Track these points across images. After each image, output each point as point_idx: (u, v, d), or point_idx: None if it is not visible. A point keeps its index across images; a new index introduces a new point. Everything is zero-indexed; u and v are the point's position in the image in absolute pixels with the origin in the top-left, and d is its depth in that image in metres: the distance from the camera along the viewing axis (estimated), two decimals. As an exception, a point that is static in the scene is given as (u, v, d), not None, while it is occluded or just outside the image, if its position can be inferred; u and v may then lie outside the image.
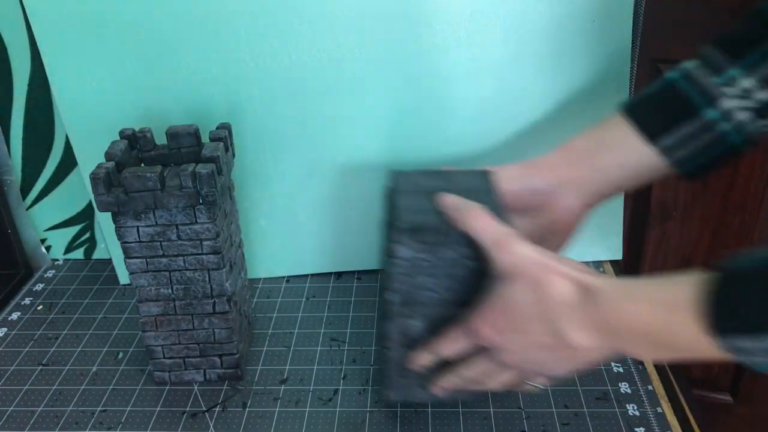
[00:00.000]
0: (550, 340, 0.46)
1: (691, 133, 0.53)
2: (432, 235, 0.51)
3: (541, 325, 0.46)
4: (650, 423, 0.58)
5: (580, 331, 0.45)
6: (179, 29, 0.66)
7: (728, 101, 0.51)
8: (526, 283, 0.46)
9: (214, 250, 0.59)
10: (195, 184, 0.55)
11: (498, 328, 0.48)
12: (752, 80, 0.50)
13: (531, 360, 0.49)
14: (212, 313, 0.62)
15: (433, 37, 0.66)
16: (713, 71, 0.52)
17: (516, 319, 0.47)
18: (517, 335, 0.48)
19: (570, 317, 0.45)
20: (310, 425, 0.60)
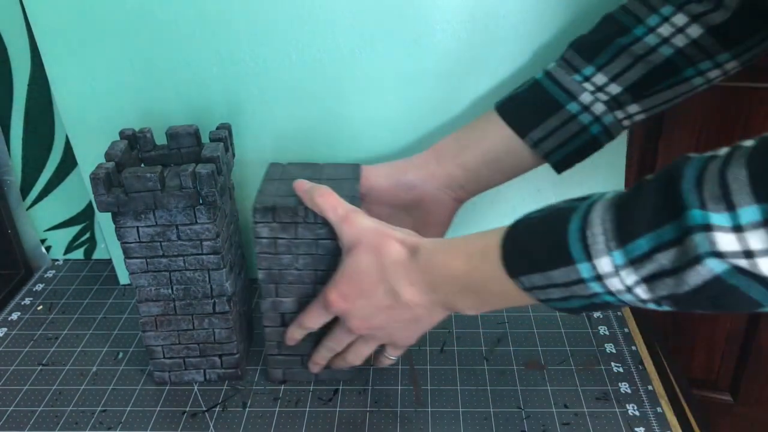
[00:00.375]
0: (389, 300, 0.52)
1: (557, 125, 0.59)
2: (287, 215, 0.56)
3: (381, 286, 0.51)
4: (650, 423, 0.58)
5: (410, 287, 0.51)
6: (179, 29, 0.66)
7: (586, 96, 0.58)
8: (367, 249, 0.52)
9: (214, 250, 0.59)
10: (195, 184, 0.55)
11: (346, 296, 0.53)
12: (603, 76, 0.57)
13: (377, 325, 0.54)
14: (212, 313, 0.62)
15: (433, 37, 0.66)
16: (572, 70, 0.59)
17: (361, 285, 0.52)
18: (362, 300, 0.53)
19: (401, 275, 0.51)
20: (310, 425, 0.60)
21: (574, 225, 0.41)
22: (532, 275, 0.43)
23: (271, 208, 0.56)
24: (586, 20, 0.66)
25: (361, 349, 0.58)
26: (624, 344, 0.68)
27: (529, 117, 0.60)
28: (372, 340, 0.57)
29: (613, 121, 0.59)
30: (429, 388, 0.63)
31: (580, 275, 0.41)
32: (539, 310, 0.73)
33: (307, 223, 0.57)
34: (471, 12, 0.65)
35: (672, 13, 0.56)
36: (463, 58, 0.67)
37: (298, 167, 0.63)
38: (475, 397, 0.62)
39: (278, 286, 0.60)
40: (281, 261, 0.59)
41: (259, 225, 0.57)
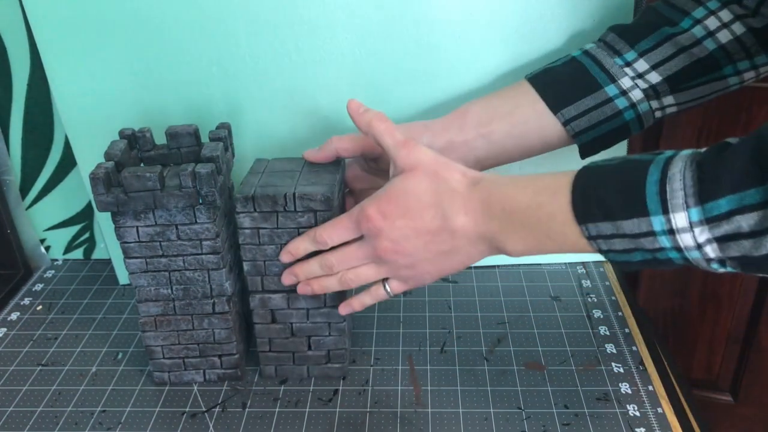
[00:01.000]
0: (435, 224, 0.50)
1: (592, 106, 0.58)
2: (267, 204, 0.56)
3: (431, 210, 0.50)
4: (651, 423, 0.58)
5: (464, 215, 0.49)
6: (179, 29, 0.66)
7: (626, 80, 0.58)
8: (425, 174, 0.51)
9: (213, 250, 0.58)
10: (194, 184, 0.55)
11: (386, 214, 0.51)
12: (645, 63, 0.57)
13: (407, 250, 0.52)
14: (212, 313, 0.61)
15: (434, 36, 0.66)
16: (613, 53, 0.58)
17: (408, 205, 0.51)
18: (405, 220, 0.51)
19: (457, 202, 0.49)
20: (310, 425, 0.60)
21: (652, 177, 0.41)
22: (601, 223, 0.43)
23: (251, 197, 0.56)
24: (586, 20, 0.66)
25: (366, 273, 0.55)
26: (624, 344, 0.68)
27: (565, 93, 0.58)
28: (386, 267, 0.54)
29: (647, 110, 0.58)
30: (429, 388, 0.63)
31: (652, 227, 0.41)
32: (539, 310, 0.73)
33: (288, 212, 0.56)
34: (471, 12, 0.65)
35: (718, 8, 0.56)
36: (463, 58, 0.67)
37: (282, 161, 0.62)
38: (475, 397, 0.62)
39: (264, 277, 0.60)
40: (265, 252, 0.58)
41: (241, 215, 0.57)
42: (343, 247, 0.55)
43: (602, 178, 0.44)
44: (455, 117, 0.60)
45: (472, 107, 0.60)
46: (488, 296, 0.76)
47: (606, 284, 0.77)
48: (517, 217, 0.47)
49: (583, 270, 0.80)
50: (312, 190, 0.56)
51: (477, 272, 0.80)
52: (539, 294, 0.76)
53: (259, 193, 0.56)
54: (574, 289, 0.76)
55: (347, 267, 0.55)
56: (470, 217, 0.49)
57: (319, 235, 0.55)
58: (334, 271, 0.56)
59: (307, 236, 0.56)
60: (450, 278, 0.79)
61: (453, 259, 0.52)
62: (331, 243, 0.55)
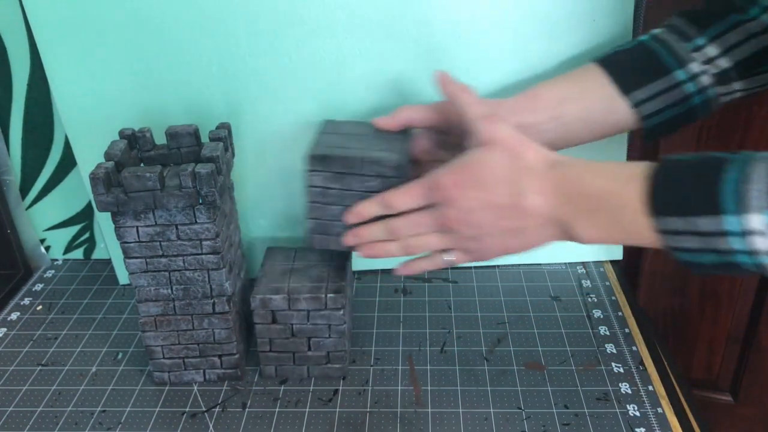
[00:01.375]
0: (508, 200, 0.50)
1: (662, 89, 0.57)
2: (339, 165, 0.56)
3: (506, 185, 0.50)
4: (651, 423, 0.58)
5: (538, 195, 0.49)
6: (179, 29, 0.66)
7: (695, 65, 0.57)
8: (504, 149, 0.50)
9: (213, 250, 0.58)
10: (195, 184, 0.55)
11: (459, 183, 0.51)
12: (715, 49, 0.57)
13: (476, 222, 0.51)
14: (212, 313, 0.61)
15: (433, 37, 0.66)
16: (682, 38, 0.58)
17: (483, 176, 0.50)
18: (477, 192, 0.50)
19: (533, 181, 0.49)
20: (310, 425, 0.60)
21: (730, 175, 0.40)
22: (674, 218, 0.42)
23: (326, 157, 0.56)
24: (586, 20, 0.66)
25: (431, 241, 0.54)
26: (624, 344, 0.68)
27: (635, 76, 0.58)
28: (451, 237, 0.53)
29: (714, 96, 0.58)
30: (429, 388, 0.63)
31: (725, 227, 0.40)
32: (539, 310, 0.73)
33: (358, 175, 0.56)
34: (471, 12, 0.65)
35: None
36: (463, 58, 0.67)
37: (351, 124, 0.63)
38: (475, 397, 0.62)
39: (327, 237, 0.59)
40: (330, 211, 0.58)
41: (312, 173, 0.57)
42: (410, 214, 0.54)
43: (678, 172, 0.43)
44: (526, 99, 0.60)
45: (543, 89, 0.60)
46: (488, 296, 0.76)
47: (606, 284, 0.77)
48: (591, 203, 0.47)
49: (583, 270, 0.80)
50: (384, 156, 0.56)
51: (477, 272, 0.80)
52: (539, 294, 0.76)
53: (333, 153, 0.56)
54: (574, 289, 0.77)
55: (412, 234, 0.55)
56: (544, 197, 0.49)
57: (389, 199, 0.55)
58: (399, 236, 0.55)
59: (376, 200, 0.56)
60: (450, 278, 0.79)
61: (519, 238, 0.51)
62: (399, 209, 0.55)
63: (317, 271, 0.63)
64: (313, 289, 0.61)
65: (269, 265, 0.65)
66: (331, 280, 0.62)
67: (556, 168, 0.49)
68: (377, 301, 0.76)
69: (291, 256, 0.66)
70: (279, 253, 0.67)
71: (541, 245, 0.52)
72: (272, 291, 0.61)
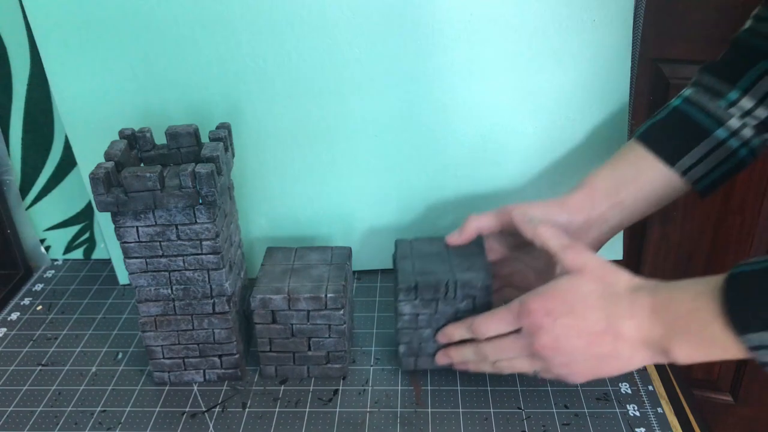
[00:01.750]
0: (600, 326, 0.50)
1: (706, 152, 0.59)
2: (429, 293, 0.58)
3: (597, 311, 0.50)
4: (651, 423, 0.58)
5: (630, 320, 0.49)
6: (179, 29, 0.66)
7: (735, 121, 0.58)
8: (591, 276, 0.52)
9: (213, 250, 0.58)
10: (195, 184, 0.55)
11: (550, 310, 0.51)
12: (750, 100, 0.57)
13: (566, 349, 0.52)
14: (212, 313, 0.61)
15: (434, 36, 0.66)
16: (715, 95, 0.59)
17: (574, 304, 0.51)
18: (568, 319, 0.51)
19: (624, 307, 0.50)
20: (310, 425, 0.60)
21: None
22: (762, 333, 0.42)
23: (414, 287, 0.58)
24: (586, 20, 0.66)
25: (521, 365, 0.56)
26: (624, 344, 0.68)
27: (677, 145, 0.59)
28: (541, 362, 0.54)
29: (759, 144, 0.59)
30: (429, 388, 0.63)
31: None
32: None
33: (448, 299, 0.59)
34: (471, 12, 0.65)
35: None
36: (463, 58, 0.67)
37: (424, 242, 0.64)
38: (475, 397, 0.62)
39: (418, 358, 0.62)
40: (421, 335, 0.61)
41: (402, 303, 0.59)
42: (499, 339, 0.56)
43: (752, 286, 0.43)
44: (585, 194, 0.61)
45: (598, 181, 0.61)
46: (488, 296, 0.76)
47: (606, 284, 0.77)
48: (681, 324, 0.47)
49: (583, 270, 0.79)
50: (471, 278, 0.58)
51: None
52: (539, 294, 0.76)
53: (422, 282, 0.58)
54: (574, 289, 0.76)
55: (502, 358, 0.56)
56: (636, 321, 0.49)
57: (477, 326, 0.56)
58: (489, 360, 0.57)
59: (464, 324, 0.58)
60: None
61: (611, 363, 0.52)
62: (487, 335, 0.56)
63: (317, 271, 0.63)
64: (314, 289, 0.61)
65: (269, 265, 0.65)
66: (331, 280, 0.62)
67: (644, 291, 0.50)
68: (377, 301, 0.76)
69: (291, 256, 0.66)
70: (279, 252, 0.67)
71: (634, 368, 0.52)
72: (272, 291, 0.61)
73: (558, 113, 0.71)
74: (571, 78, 0.69)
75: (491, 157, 0.73)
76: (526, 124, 0.71)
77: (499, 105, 0.70)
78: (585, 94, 0.70)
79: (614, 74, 0.69)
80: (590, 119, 0.68)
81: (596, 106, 0.70)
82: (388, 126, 0.71)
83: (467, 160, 0.73)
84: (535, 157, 0.72)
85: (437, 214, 0.76)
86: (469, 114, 0.70)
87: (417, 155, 0.72)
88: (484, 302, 0.59)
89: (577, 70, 0.69)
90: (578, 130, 0.66)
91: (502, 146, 0.72)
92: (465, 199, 0.75)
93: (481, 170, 0.73)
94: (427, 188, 0.75)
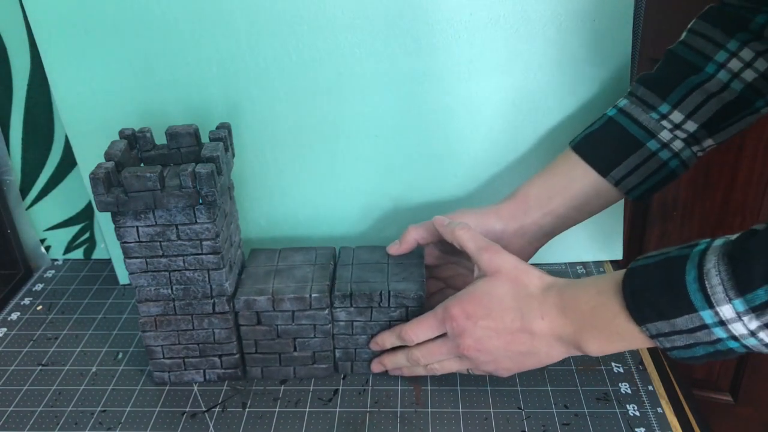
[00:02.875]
0: (516, 325, 0.53)
1: (638, 163, 0.61)
2: (363, 301, 0.60)
3: (512, 312, 0.53)
4: (650, 423, 0.58)
5: (541, 318, 0.52)
6: (179, 29, 0.66)
7: (665, 133, 0.60)
8: (506, 278, 0.55)
9: (213, 250, 0.58)
10: (195, 184, 0.55)
11: (470, 314, 0.55)
12: (680, 114, 0.59)
13: (489, 348, 0.55)
14: (212, 313, 0.61)
15: (433, 37, 0.66)
16: (648, 107, 0.60)
17: (491, 306, 0.54)
18: (487, 321, 0.54)
19: (535, 307, 0.53)
20: (310, 425, 0.60)
21: (690, 276, 0.43)
22: (658, 323, 0.45)
23: (349, 294, 0.60)
24: (585, 20, 0.66)
25: (451, 365, 0.59)
26: (624, 344, 0.68)
27: (610, 155, 0.61)
28: (468, 362, 0.57)
29: (690, 155, 0.61)
30: (429, 388, 0.63)
31: (704, 321, 0.43)
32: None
33: (382, 308, 0.61)
34: (471, 12, 0.65)
35: (738, 48, 0.57)
36: (463, 58, 0.67)
37: (365, 250, 0.67)
38: (475, 397, 0.62)
39: (353, 362, 0.64)
40: (356, 341, 0.63)
41: (338, 309, 0.61)
42: (428, 343, 0.59)
43: (646, 280, 0.46)
44: (518, 203, 0.64)
45: (531, 190, 0.64)
46: (488, 296, 0.76)
47: (606, 284, 0.77)
48: (587, 319, 0.50)
49: (583, 270, 0.80)
50: (405, 288, 0.61)
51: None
52: (539, 294, 0.76)
53: (356, 290, 0.60)
54: (574, 289, 0.76)
55: (432, 361, 0.59)
56: (547, 320, 0.52)
57: (405, 333, 0.59)
58: (420, 364, 0.60)
59: (394, 332, 0.60)
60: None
61: (532, 358, 0.55)
62: (416, 341, 0.59)
63: (301, 271, 0.64)
64: (298, 290, 0.61)
65: (253, 266, 0.65)
66: (316, 280, 0.62)
67: (552, 290, 0.53)
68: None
69: (275, 258, 0.66)
70: (263, 254, 0.67)
71: (554, 361, 0.55)
72: (256, 292, 0.61)
73: (558, 113, 0.71)
74: (571, 78, 0.69)
75: (491, 158, 0.73)
76: (526, 125, 0.71)
77: (498, 105, 0.70)
78: (585, 94, 0.70)
79: (614, 74, 0.69)
80: (590, 119, 0.67)
81: (596, 106, 0.70)
82: (388, 126, 0.71)
83: (467, 160, 0.73)
84: (534, 157, 0.72)
85: (437, 213, 0.76)
86: (469, 114, 0.70)
87: (417, 155, 0.72)
88: (417, 312, 0.60)
89: (577, 70, 0.69)
90: (578, 130, 0.66)
91: (502, 146, 0.72)
92: (465, 199, 0.75)
93: (481, 170, 0.74)
94: (427, 188, 0.75)
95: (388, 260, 0.65)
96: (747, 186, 0.97)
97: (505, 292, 0.54)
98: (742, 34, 0.57)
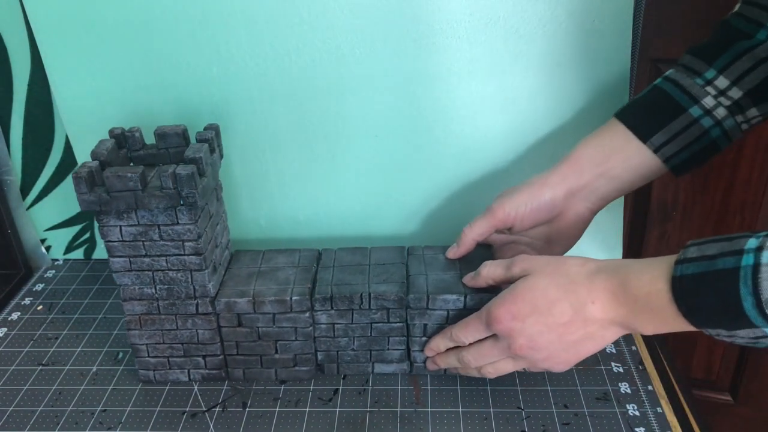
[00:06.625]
0: (567, 315, 0.51)
1: (679, 130, 0.59)
2: (343, 304, 0.60)
3: (559, 303, 0.51)
4: (650, 423, 0.58)
5: (592, 303, 0.50)
6: (179, 29, 0.66)
7: (709, 99, 0.58)
8: (543, 273, 0.53)
9: (196, 251, 0.58)
10: (175, 185, 0.54)
11: (515, 314, 0.53)
12: (726, 80, 0.57)
13: (542, 344, 0.53)
14: (195, 314, 0.61)
15: (433, 37, 0.66)
16: (693, 74, 0.58)
17: (535, 302, 0.52)
18: (534, 317, 0.52)
19: (583, 292, 0.51)
20: (310, 425, 0.60)
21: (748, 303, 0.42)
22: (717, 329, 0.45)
23: (329, 297, 0.60)
24: (585, 20, 0.66)
25: (505, 366, 0.57)
26: (624, 344, 0.68)
27: (651, 121, 0.59)
28: (523, 361, 0.56)
29: (733, 126, 0.59)
30: (429, 388, 0.63)
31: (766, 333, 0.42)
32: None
33: (363, 309, 0.61)
34: (471, 12, 0.65)
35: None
36: (463, 58, 0.67)
37: (347, 252, 0.66)
38: (475, 397, 0.62)
39: (338, 365, 0.64)
40: (338, 343, 0.63)
41: (318, 312, 0.61)
42: (478, 345, 0.57)
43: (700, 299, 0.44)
44: (570, 164, 0.61)
45: (584, 151, 0.62)
46: (488, 296, 0.76)
47: (606, 284, 0.77)
48: (639, 304, 0.49)
49: (583, 270, 0.79)
50: (385, 290, 0.60)
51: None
52: (539, 294, 0.76)
53: (337, 292, 0.60)
54: (573, 289, 0.76)
55: (484, 363, 0.58)
56: (598, 304, 0.51)
57: (455, 334, 0.58)
58: (472, 366, 0.58)
59: (445, 335, 0.60)
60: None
61: (588, 345, 0.53)
62: (467, 342, 0.58)
63: (284, 273, 0.63)
64: (279, 292, 0.61)
65: (235, 268, 0.65)
66: (297, 283, 0.62)
67: (600, 275, 0.51)
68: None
69: (258, 259, 0.66)
70: (246, 256, 0.67)
71: (609, 343, 0.54)
72: (237, 294, 0.61)
73: (558, 113, 0.71)
74: (571, 78, 0.69)
75: (491, 158, 0.73)
76: (526, 125, 0.71)
77: (498, 105, 0.70)
78: (585, 95, 0.70)
79: (614, 74, 0.69)
80: (591, 119, 0.68)
81: (596, 106, 0.70)
82: (388, 126, 0.71)
83: (467, 160, 0.73)
84: (535, 157, 0.72)
85: (437, 213, 0.76)
86: (469, 114, 0.70)
87: (417, 155, 0.72)
88: (398, 315, 0.61)
89: (577, 70, 0.69)
90: (579, 130, 0.66)
91: (501, 146, 0.72)
92: (465, 198, 0.75)
93: (481, 170, 0.74)
94: (427, 188, 0.75)
95: (369, 262, 0.65)
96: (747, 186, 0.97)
97: (546, 285, 0.52)
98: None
